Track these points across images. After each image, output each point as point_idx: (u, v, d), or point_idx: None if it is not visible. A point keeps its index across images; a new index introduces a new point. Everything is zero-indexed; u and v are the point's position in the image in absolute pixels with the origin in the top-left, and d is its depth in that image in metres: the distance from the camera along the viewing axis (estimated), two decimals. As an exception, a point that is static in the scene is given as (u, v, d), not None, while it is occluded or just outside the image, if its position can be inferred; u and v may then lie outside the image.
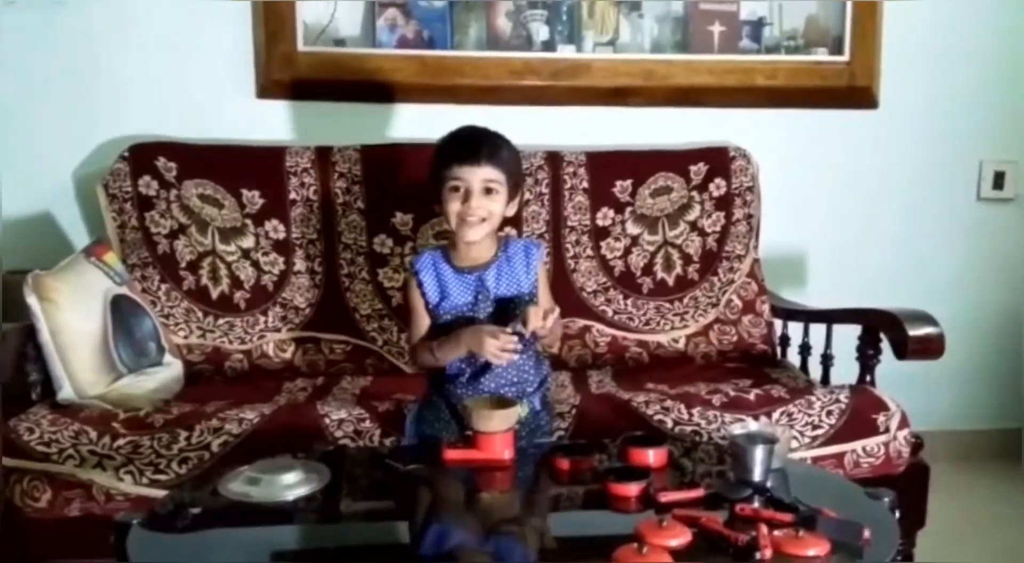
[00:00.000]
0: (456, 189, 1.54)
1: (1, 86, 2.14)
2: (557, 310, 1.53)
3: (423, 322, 1.62)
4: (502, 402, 1.45)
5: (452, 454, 1.39)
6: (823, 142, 2.43)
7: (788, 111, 2.39)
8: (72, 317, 1.76)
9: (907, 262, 2.48)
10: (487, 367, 1.56)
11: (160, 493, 1.52)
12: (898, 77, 2.40)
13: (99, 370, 1.78)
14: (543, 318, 1.48)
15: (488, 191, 1.54)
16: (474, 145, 1.55)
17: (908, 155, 2.46)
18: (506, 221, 1.67)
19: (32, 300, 1.72)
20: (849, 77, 2.38)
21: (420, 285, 1.60)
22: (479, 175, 1.53)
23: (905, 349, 1.74)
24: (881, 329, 1.83)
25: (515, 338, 1.48)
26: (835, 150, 2.44)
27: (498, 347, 1.47)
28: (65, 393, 1.74)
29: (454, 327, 1.57)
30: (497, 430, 1.38)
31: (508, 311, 1.56)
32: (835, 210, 2.46)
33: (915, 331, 1.74)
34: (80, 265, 1.88)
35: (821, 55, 2.37)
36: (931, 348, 1.75)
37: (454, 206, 1.54)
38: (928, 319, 1.77)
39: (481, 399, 1.48)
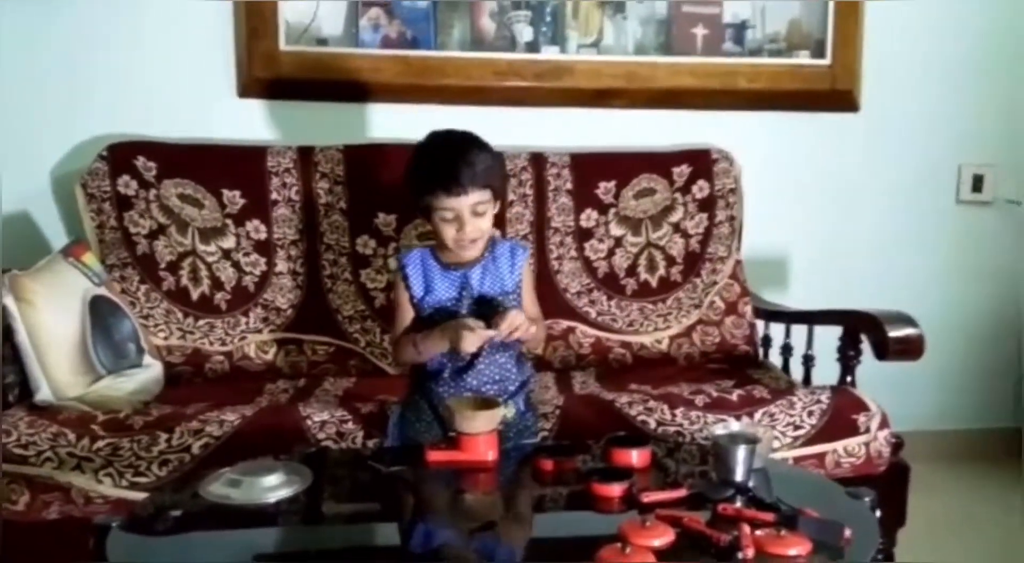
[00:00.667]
0: (447, 218, 1.53)
1: (-23, 84, 2.12)
2: (526, 323, 1.51)
3: (407, 316, 1.62)
4: (485, 403, 1.45)
5: (435, 456, 1.39)
6: (805, 145, 2.45)
7: (770, 114, 2.41)
8: (50, 318, 1.74)
9: (887, 264, 2.50)
10: (470, 365, 1.56)
11: (140, 496, 1.51)
12: (879, 81, 2.42)
13: (77, 372, 1.76)
14: (513, 327, 1.47)
15: (477, 213, 1.54)
16: (456, 175, 1.50)
17: (889, 158, 2.48)
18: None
19: (9, 301, 1.70)
20: (831, 80, 2.40)
21: (406, 278, 1.61)
22: (467, 203, 1.52)
23: (885, 350, 1.76)
24: (862, 330, 1.84)
25: (491, 334, 1.48)
26: (817, 153, 2.46)
27: (474, 342, 1.48)
28: (43, 395, 1.72)
29: (436, 321, 1.57)
30: (480, 431, 1.38)
31: (488, 309, 1.56)
32: (816, 212, 2.48)
33: (895, 332, 1.76)
34: (58, 265, 1.86)
35: (803, 58, 2.39)
36: (911, 349, 1.76)
37: (449, 233, 1.54)
38: (908, 320, 1.79)
39: (464, 400, 1.48)
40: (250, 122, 2.26)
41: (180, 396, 1.84)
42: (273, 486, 1.27)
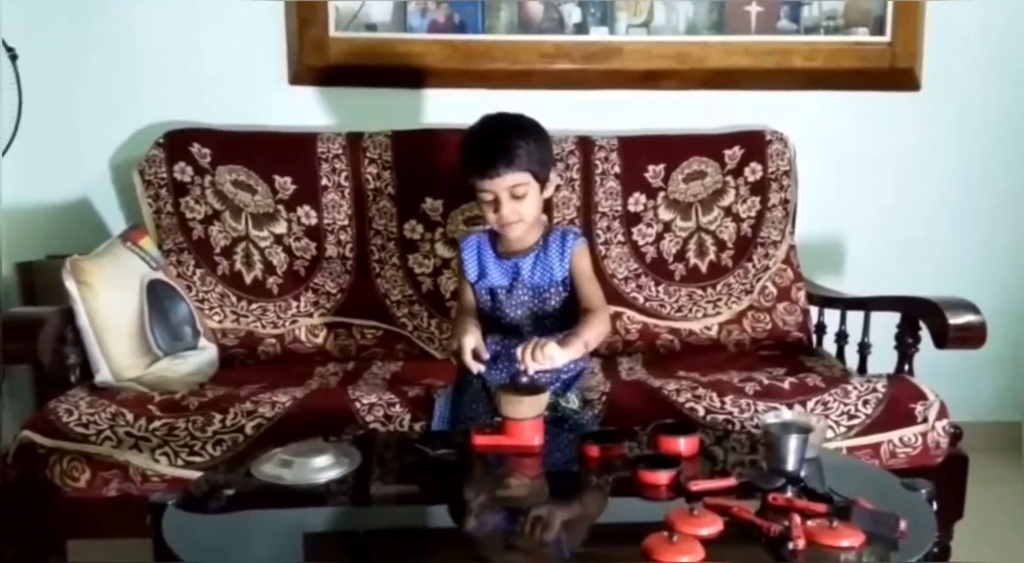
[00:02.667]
0: (486, 200, 1.57)
1: (39, 74, 2.18)
2: (551, 347, 1.43)
3: (464, 296, 1.69)
4: (532, 389, 1.45)
5: (481, 440, 1.39)
6: (863, 125, 2.38)
7: (827, 93, 2.34)
8: (109, 301, 1.79)
9: (948, 248, 2.42)
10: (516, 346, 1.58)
11: (195, 474, 1.54)
12: (941, 58, 2.33)
13: (135, 353, 1.81)
14: (531, 355, 1.41)
15: (516, 196, 1.55)
16: (490, 157, 1.55)
17: (950, 139, 2.40)
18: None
19: (70, 284, 1.75)
20: (891, 58, 2.32)
21: (463, 262, 1.67)
22: (502, 185, 1.55)
23: (945, 338, 1.70)
24: (921, 317, 1.79)
25: (480, 368, 1.54)
26: (875, 134, 2.39)
27: (468, 362, 1.52)
28: (102, 376, 1.77)
29: (490, 304, 1.63)
30: (526, 416, 1.38)
31: (539, 299, 1.59)
32: (874, 195, 2.41)
33: (956, 319, 1.70)
34: (117, 250, 1.91)
35: (862, 35, 2.31)
36: (972, 337, 1.71)
37: (490, 215, 1.59)
38: (969, 307, 1.73)
39: (512, 385, 1.48)
40: (301, 109, 2.29)
41: (234, 378, 1.88)
42: (323, 467, 1.29)
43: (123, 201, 2.27)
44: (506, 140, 1.56)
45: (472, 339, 1.53)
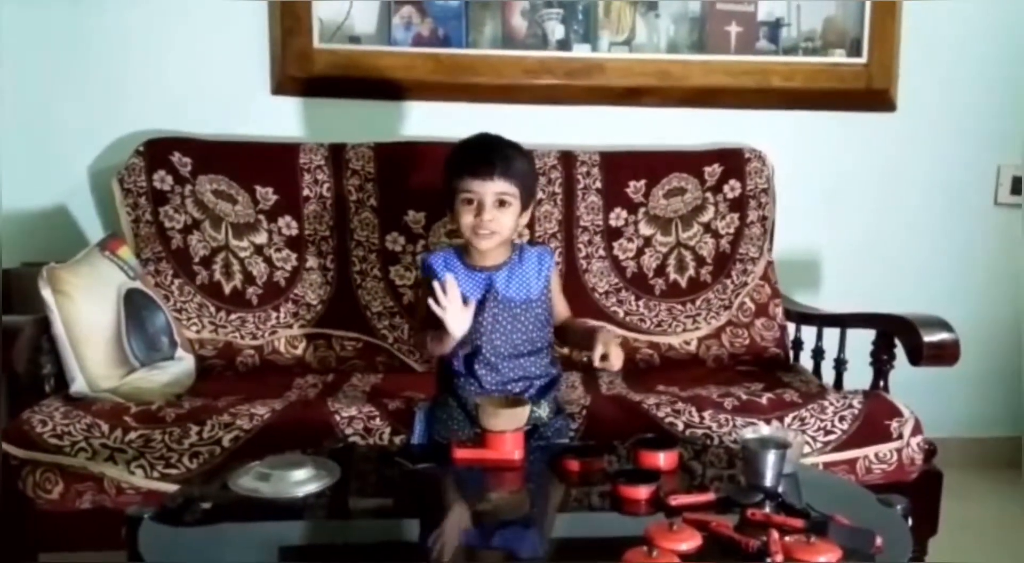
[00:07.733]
0: (469, 202, 1.55)
1: (18, 80, 2.16)
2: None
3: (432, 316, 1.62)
4: (515, 401, 1.45)
5: (461, 453, 1.39)
6: (839, 145, 2.42)
7: (805, 113, 2.38)
8: (86, 310, 1.77)
9: (923, 267, 2.46)
10: (495, 369, 1.57)
11: (171, 487, 1.53)
12: (916, 80, 2.38)
13: (112, 364, 1.79)
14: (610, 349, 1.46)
15: (501, 204, 1.55)
16: (487, 158, 1.54)
17: (925, 159, 2.44)
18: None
19: (47, 293, 1.73)
20: (867, 79, 2.36)
21: (432, 278, 1.60)
22: (492, 189, 1.54)
23: (920, 355, 1.73)
24: (896, 334, 1.81)
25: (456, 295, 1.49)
26: (851, 153, 2.42)
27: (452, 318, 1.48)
28: (78, 386, 1.74)
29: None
30: (506, 429, 1.38)
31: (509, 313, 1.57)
32: (851, 213, 2.44)
33: (930, 337, 1.73)
34: (94, 259, 1.89)
35: (839, 57, 2.35)
36: (946, 354, 1.73)
37: (467, 219, 1.55)
38: (943, 325, 1.75)
39: (493, 398, 1.48)
40: (284, 119, 2.28)
41: (211, 389, 1.86)
42: (301, 480, 1.28)
43: (101, 209, 2.24)
44: (505, 150, 1.57)
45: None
